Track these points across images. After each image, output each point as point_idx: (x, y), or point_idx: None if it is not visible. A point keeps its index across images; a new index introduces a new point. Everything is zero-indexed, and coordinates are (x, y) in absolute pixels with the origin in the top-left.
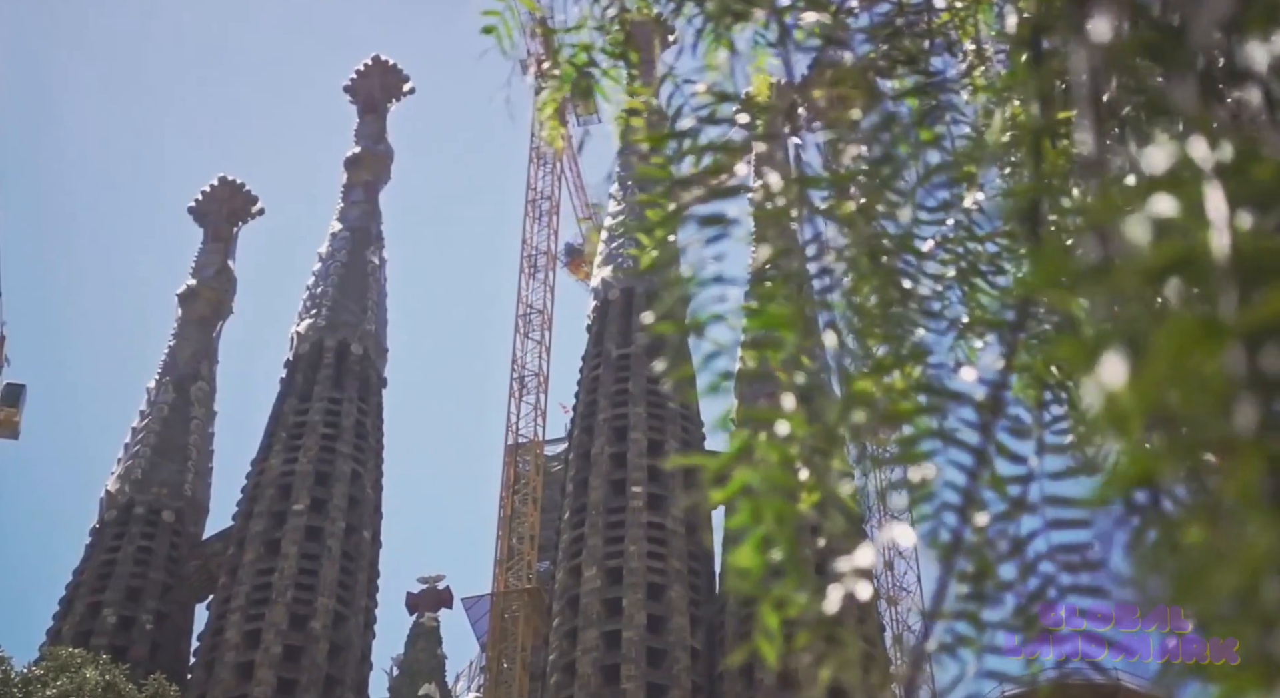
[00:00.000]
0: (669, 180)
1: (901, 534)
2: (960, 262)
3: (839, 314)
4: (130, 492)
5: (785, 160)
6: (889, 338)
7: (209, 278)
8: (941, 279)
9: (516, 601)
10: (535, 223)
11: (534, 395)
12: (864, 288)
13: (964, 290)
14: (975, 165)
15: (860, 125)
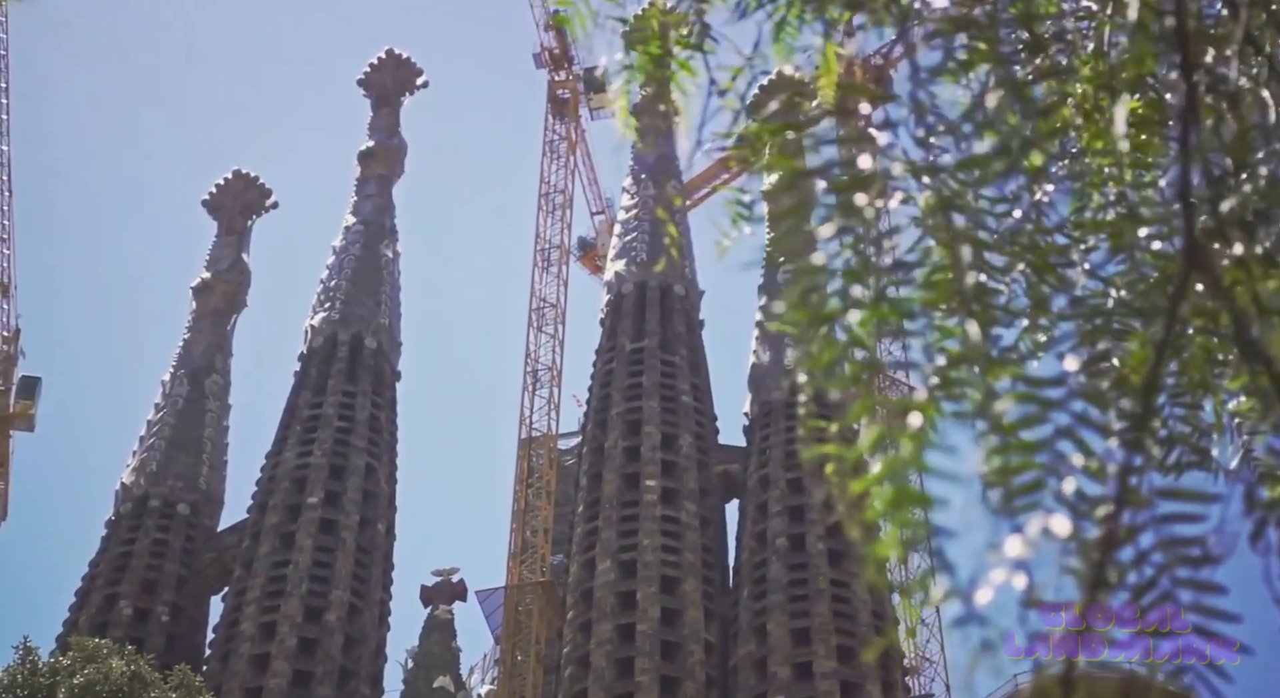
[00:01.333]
0: (797, 171)
1: (1014, 545)
2: (1028, 254)
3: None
4: (145, 485)
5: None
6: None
7: (223, 271)
8: (1008, 271)
9: (530, 594)
10: (548, 217)
11: (547, 389)
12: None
13: (1029, 282)
14: (1043, 159)
15: (976, 115)
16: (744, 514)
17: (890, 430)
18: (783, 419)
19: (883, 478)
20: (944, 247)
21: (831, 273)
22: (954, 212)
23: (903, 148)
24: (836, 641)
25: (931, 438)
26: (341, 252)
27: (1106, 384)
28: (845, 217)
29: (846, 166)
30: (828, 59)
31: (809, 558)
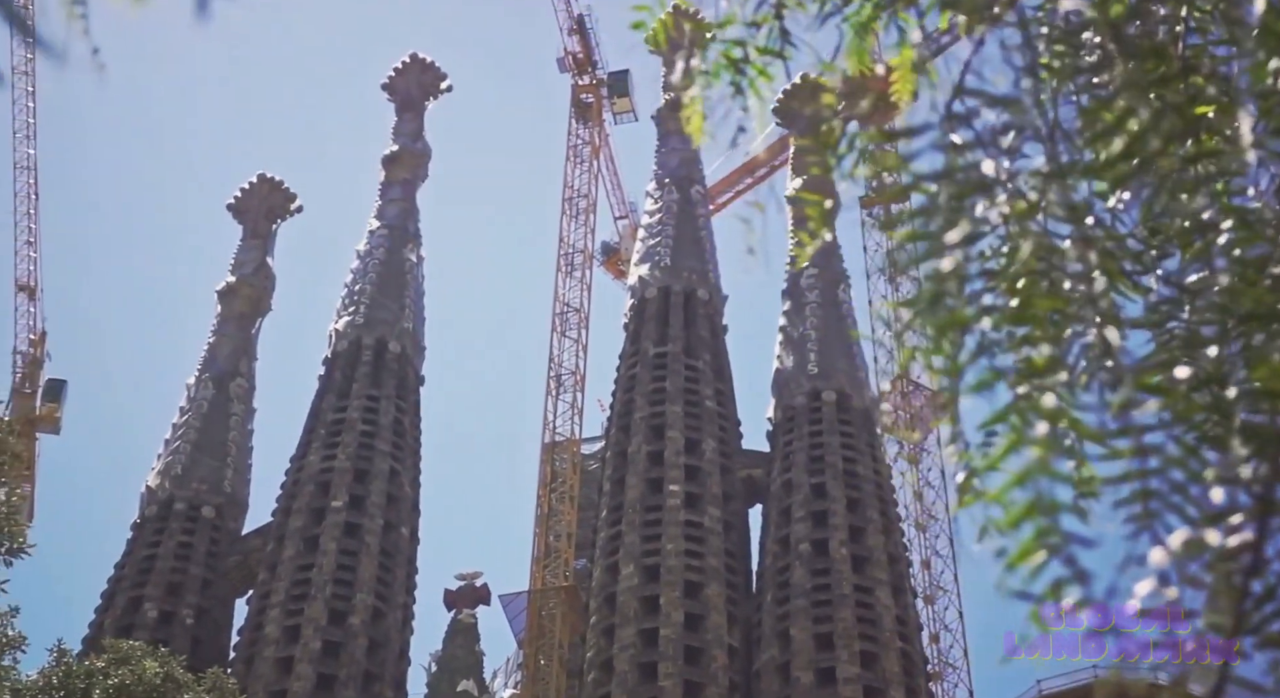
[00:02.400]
0: (911, 176)
1: (1157, 556)
2: (1106, 261)
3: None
4: (170, 488)
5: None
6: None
7: (248, 275)
8: (1086, 279)
9: (554, 598)
10: (572, 221)
11: (571, 394)
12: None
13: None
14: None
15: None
16: (767, 519)
17: (1022, 438)
18: (806, 424)
19: (1015, 485)
20: (1034, 253)
21: (961, 278)
22: (1049, 217)
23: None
24: (860, 646)
25: (1062, 444)
26: (366, 256)
27: (1235, 392)
28: (973, 222)
29: (968, 171)
30: (904, 62)
31: (832, 563)
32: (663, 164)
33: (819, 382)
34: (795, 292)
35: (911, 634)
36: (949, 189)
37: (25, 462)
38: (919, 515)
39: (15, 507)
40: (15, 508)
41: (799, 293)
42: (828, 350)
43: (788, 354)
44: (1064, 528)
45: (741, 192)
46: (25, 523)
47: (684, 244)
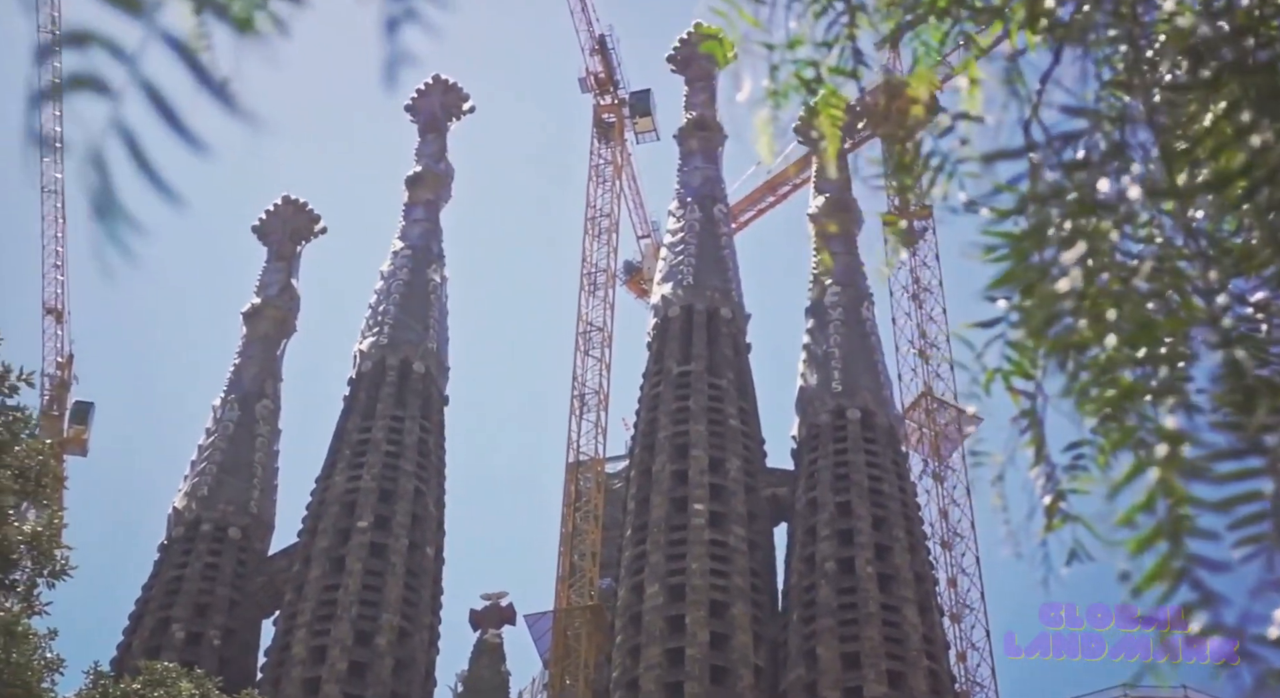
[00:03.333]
0: (1018, 195)
1: None
2: (1172, 280)
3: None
4: (197, 509)
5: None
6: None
7: (273, 296)
8: (1159, 296)
9: (579, 618)
10: (595, 241)
11: (595, 413)
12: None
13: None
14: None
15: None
16: (792, 538)
17: (1148, 461)
18: (831, 442)
19: (1142, 509)
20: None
21: (1080, 298)
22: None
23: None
24: (886, 665)
25: (1189, 466)
26: (389, 276)
27: None
28: (1090, 241)
29: (1082, 190)
30: (972, 79)
31: (858, 582)
32: (685, 183)
33: (843, 399)
34: (819, 310)
35: (939, 653)
36: (1061, 209)
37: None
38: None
39: (57, 529)
40: (57, 530)
41: (822, 311)
42: (852, 368)
43: (811, 372)
44: (1191, 551)
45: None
46: (68, 545)
47: (707, 262)
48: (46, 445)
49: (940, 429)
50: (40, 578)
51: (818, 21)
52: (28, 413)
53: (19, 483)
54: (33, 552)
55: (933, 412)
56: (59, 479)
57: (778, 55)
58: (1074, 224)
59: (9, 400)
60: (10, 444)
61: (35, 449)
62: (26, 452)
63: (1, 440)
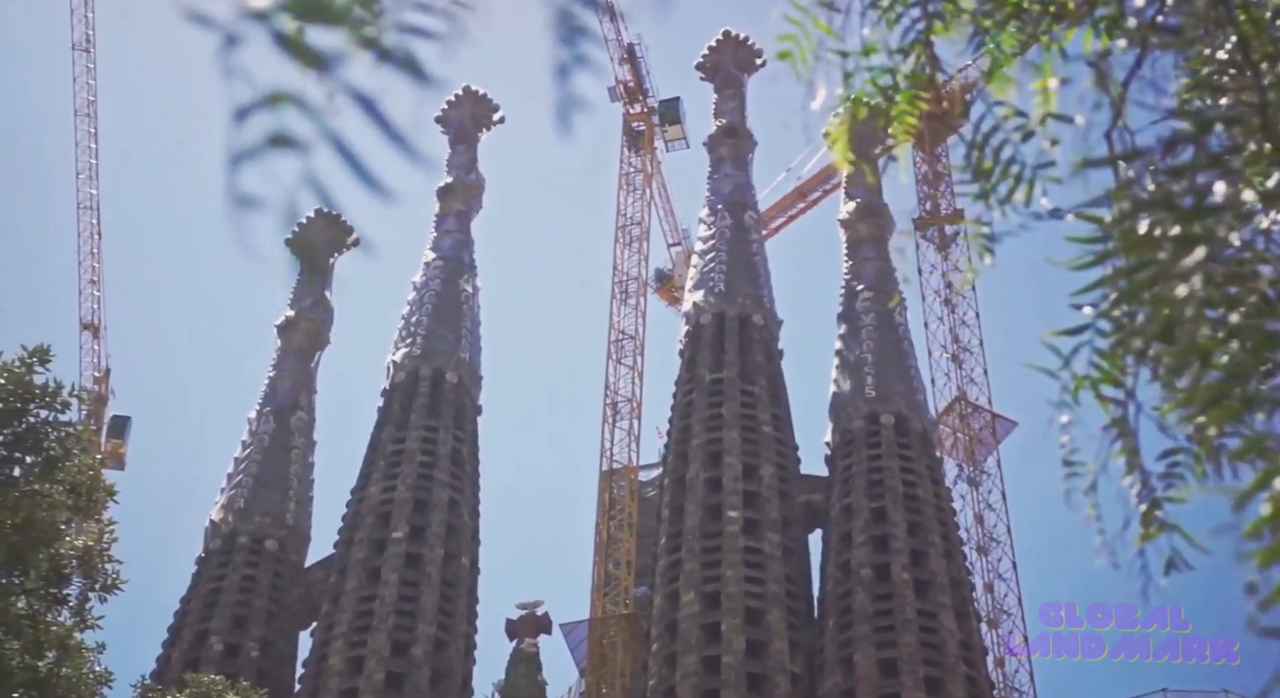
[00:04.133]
0: (1128, 203)
1: None
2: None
3: None
4: (234, 521)
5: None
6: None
7: (307, 309)
8: (1240, 303)
9: (614, 626)
10: (625, 249)
11: (627, 421)
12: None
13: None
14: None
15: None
16: (827, 544)
17: (1275, 471)
18: (865, 448)
19: (1271, 521)
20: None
21: (1200, 303)
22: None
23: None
24: (924, 672)
25: None
26: (422, 287)
27: None
28: (1209, 244)
29: (1196, 193)
30: (1046, 88)
31: (894, 588)
32: (715, 190)
33: (876, 405)
34: (851, 315)
35: (976, 659)
36: (1165, 213)
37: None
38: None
39: (108, 543)
40: (108, 545)
41: (854, 316)
42: (884, 373)
43: (844, 378)
44: None
45: (794, 216)
46: (118, 560)
47: (738, 269)
48: (97, 460)
49: (975, 434)
50: (92, 592)
51: (892, 29)
52: (79, 429)
53: (71, 498)
54: (84, 566)
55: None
56: (109, 494)
57: (852, 63)
58: (1184, 229)
59: (60, 416)
60: (62, 460)
61: (86, 465)
62: (78, 467)
63: (54, 456)
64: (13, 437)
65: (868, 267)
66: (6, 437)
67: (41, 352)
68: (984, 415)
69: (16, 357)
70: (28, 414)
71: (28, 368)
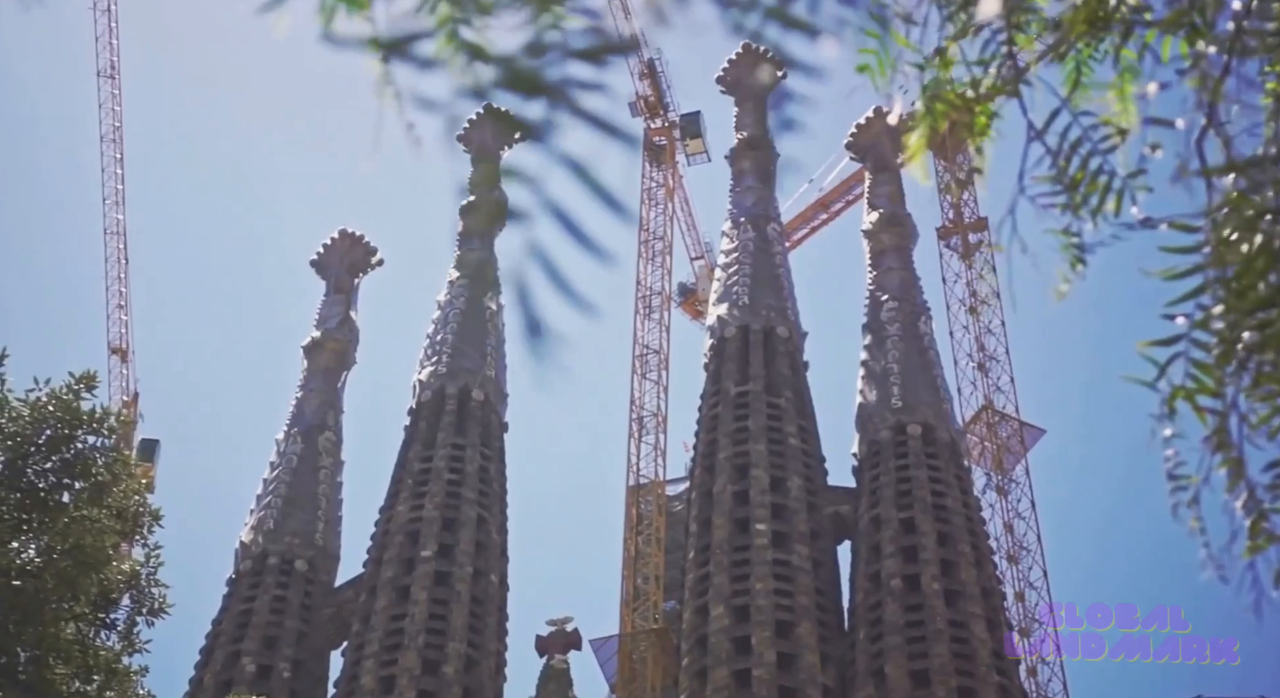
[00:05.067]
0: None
1: None
2: None
3: None
4: (264, 542)
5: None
6: None
7: (332, 329)
8: None
9: (644, 641)
10: (649, 263)
11: (653, 435)
12: None
13: None
14: None
15: None
16: (856, 556)
17: None
18: (892, 458)
19: None
20: None
21: None
22: None
23: None
24: (956, 682)
25: None
26: (446, 306)
27: None
28: None
29: None
30: (1125, 94)
31: (924, 599)
32: (737, 203)
33: (903, 415)
34: (876, 325)
35: (1009, 668)
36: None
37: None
38: (1010, 548)
39: (155, 567)
40: (154, 568)
41: (879, 326)
42: (911, 383)
43: (870, 388)
44: None
45: (817, 227)
46: (165, 583)
47: (762, 282)
48: (143, 484)
49: (1002, 442)
50: (139, 616)
51: (973, 40)
52: (126, 455)
53: (118, 523)
54: (131, 590)
55: (994, 425)
56: (155, 518)
57: (929, 75)
58: None
59: (108, 442)
60: (110, 485)
61: (132, 489)
62: (123, 492)
63: (102, 482)
64: (61, 463)
65: (891, 276)
66: (55, 463)
67: (88, 378)
68: (1011, 424)
69: (64, 383)
70: (76, 440)
71: (75, 394)
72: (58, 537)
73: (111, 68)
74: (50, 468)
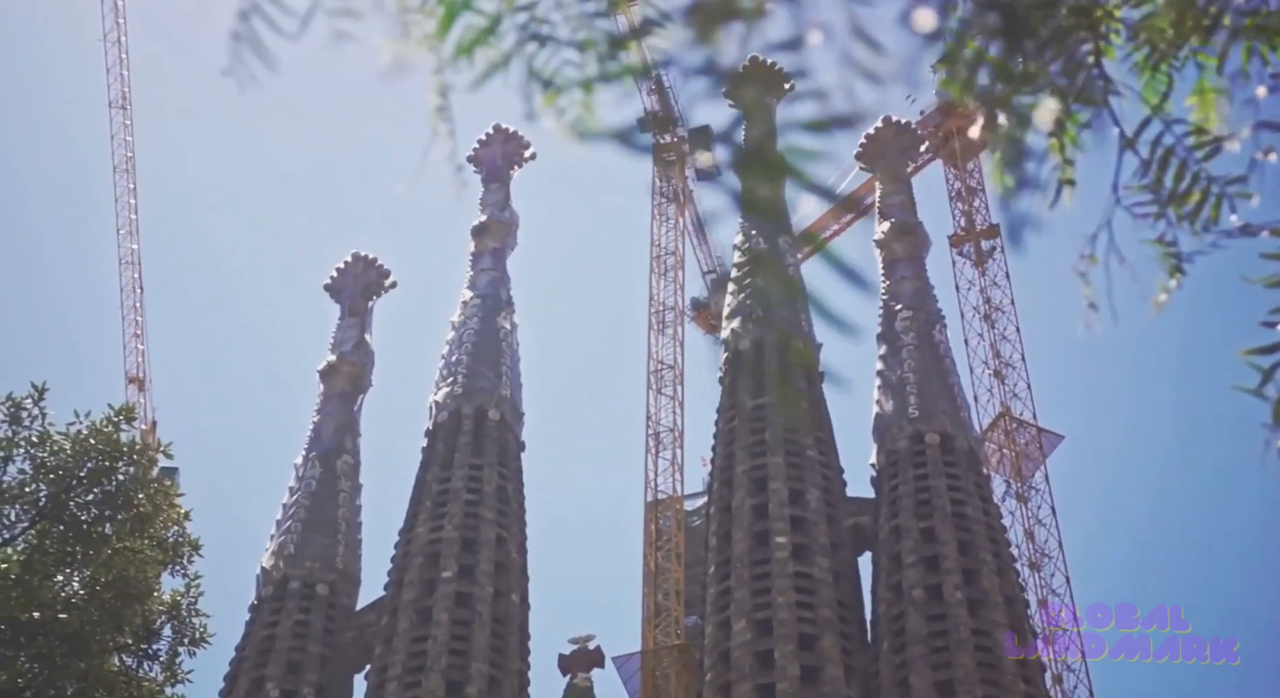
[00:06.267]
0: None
1: None
2: None
3: None
4: (285, 567)
5: None
6: None
7: (347, 353)
8: None
9: (667, 657)
10: (661, 279)
11: (670, 451)
12: None
13: None
14: None
15: None
16: (877, 566)
17: None
18: (911, 468)
19: None
20: None
21: None
22: None
23: None
24: (982, 691)
25: None
26: (460, 326)
27: None
28: None
29: None
30: (1206, 97)
31: (948, 608)
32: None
33: (921, 424)
34: (890, 335)
35: (1034, 676)
36: None
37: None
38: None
39: (195, 597)
40: (195, 598)
41: (894, 336)
42: (927, 392)
43: (887, 398)
44: None
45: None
46: (206, 613)
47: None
48: (183, 514)
49: (1021, 449)
50: (181, 647)
51: (1055, 51)
52: (168, 484)
53: (159, 553)
54: (173, 620)
55: (1012, 432)
56: (194, 548)
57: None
58: None
59: (148, 473)
60: (153, 516)
61: (173, 519)
62: (164, 522)
63: (145, 514)
64: (103, 495)
65: (905, 286)
66: (97, 495)
67: (127, 410)
68: (1029, 430)
69: (104, 416)
70: (116, 472)
71: (115, 426)
72: (101, 569)
73: (123, 98)
74: (92, 500)
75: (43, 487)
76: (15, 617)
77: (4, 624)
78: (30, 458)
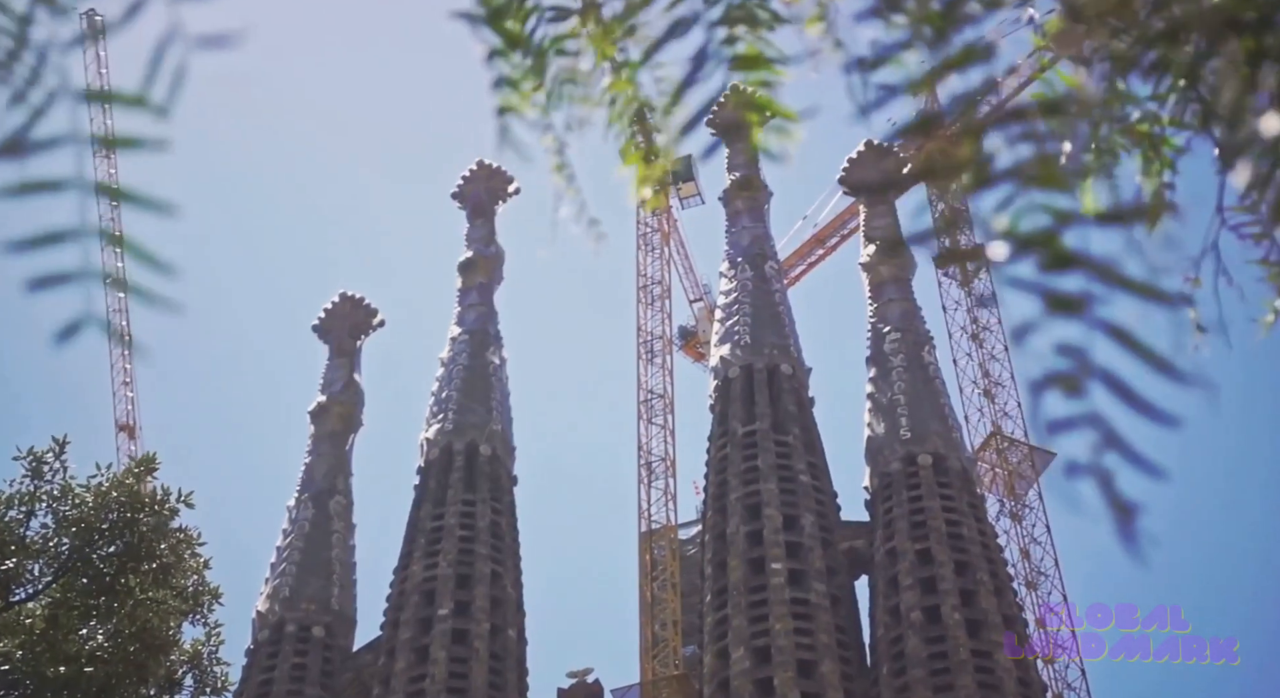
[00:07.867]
0: None
1: None
2: None
3: None
4: (280, 610)
5: None
6: None
7: (337, 393)
8: None
9: (666, 688)
10: (648, 308)
11: (663, 480)
12: None
13: None
14: None
15: None
16: (874, 590)
17: None
18: (904, 489)
19: None
20: None
21: None
22: None
23: None
24: None
25: None
26: (449, 362)
27: None
28: None
29: None
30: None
31: (946, 630)
32: (734, 243)
33: (913, 446)
34: (879, 357)
35: (1035, 696)
36: None
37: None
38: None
39: (215, 646)
40: (215, 647)
41: (883, 358)
42: (918, 413)
43: (878, 421)
44: None
45: (814, 263)
46: (226, 662)
47: (762, 321)
48: (203, 563)
49: (1014, 468)
50: (203, 696)
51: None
52: (191, 533)
53: (181, 602)
54: (194, 670)
55: (1004, 451)
56: (215, 596)
57: (1097, 113)
58: None
59: (169, 524)
60: (175, 566)
61: (193, 567)
62: (184, 571)
63: (167, 563)
64: (126, 547)
65: (892, 308)
66: (119, 547)
67: (148, 460)
68: (1021, 449)
69: (126, 468)
70: (139, 523)
71: (136, 478)
72: (125, 620)
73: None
74: (115, 552)
75: (65, 540)
76: (42, 672)
77: (31, 679)
78: (53, 512)
